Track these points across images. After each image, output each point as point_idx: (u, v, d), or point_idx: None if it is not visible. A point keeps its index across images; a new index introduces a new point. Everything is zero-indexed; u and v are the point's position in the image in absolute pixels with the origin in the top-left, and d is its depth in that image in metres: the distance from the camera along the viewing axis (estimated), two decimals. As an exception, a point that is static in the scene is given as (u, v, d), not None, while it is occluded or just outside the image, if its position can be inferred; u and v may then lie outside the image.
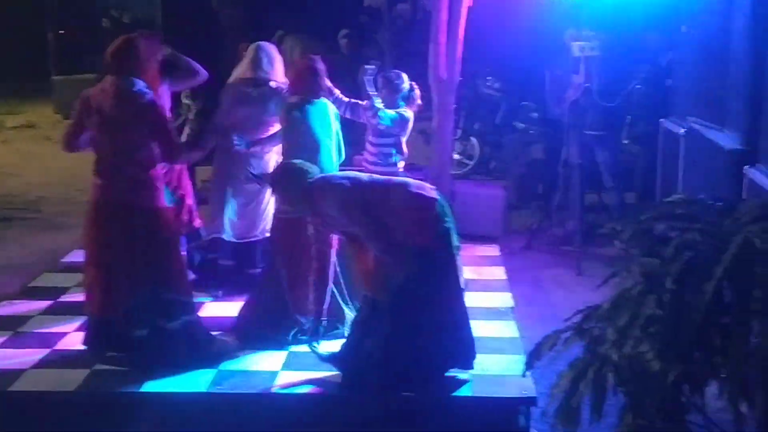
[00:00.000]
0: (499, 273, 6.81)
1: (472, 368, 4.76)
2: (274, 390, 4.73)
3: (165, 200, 5.00)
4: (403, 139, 6.07)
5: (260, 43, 6.21)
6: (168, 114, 5.20)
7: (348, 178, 4.80)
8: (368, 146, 6.08)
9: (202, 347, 4.98)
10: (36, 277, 6.53)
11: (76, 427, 4.58)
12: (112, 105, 4.78)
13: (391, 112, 5.90)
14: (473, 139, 10.05)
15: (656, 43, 8.28)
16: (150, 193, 4.86)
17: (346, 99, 5.94)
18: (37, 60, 7.97)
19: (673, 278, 2.51)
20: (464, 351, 4.75)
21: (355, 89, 6.32)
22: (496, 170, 9.91)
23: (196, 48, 6.37)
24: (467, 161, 10.07)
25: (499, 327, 5.61)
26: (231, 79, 6.17)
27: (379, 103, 5.85)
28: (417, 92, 6.15)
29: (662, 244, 2.67)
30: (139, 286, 4.80)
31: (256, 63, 6.03)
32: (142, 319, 4.82)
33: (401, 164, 6.11)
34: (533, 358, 2.95)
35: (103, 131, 4.83)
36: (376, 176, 5.07)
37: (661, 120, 7.52)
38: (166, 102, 5.19)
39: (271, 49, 6.19)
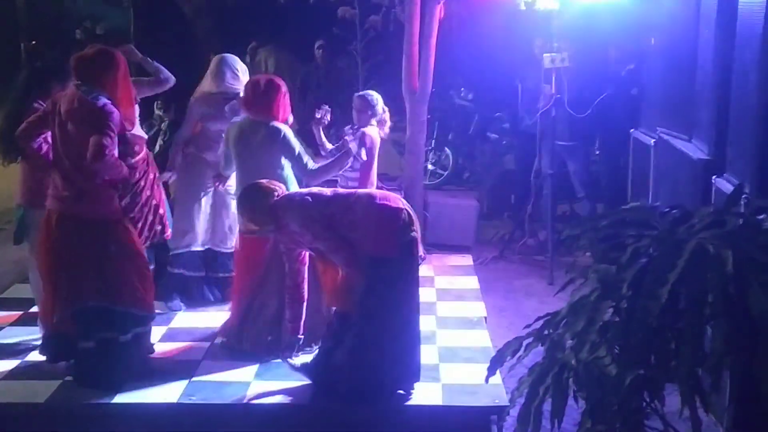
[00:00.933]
0: (471, 282, 6.85)
1: (412, 391, 4.77)
2: (246, 401, 4.74)
3: (118, 211, 4.89)
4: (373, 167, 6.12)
5: (223, 55, 6.17)
6: (132, 124, 5.08)
7: (311, 194, 4.85)
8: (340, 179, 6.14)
9: (145, 361, 4.96)
10: (6, 289, 6.49)
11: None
12: (68, 110, 4.72)
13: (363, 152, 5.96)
14: (447, 150, 10.10)
15: (619, 54, 8.37)
16: (101, 204, 4.77)
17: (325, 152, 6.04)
18: (11, 71, 7.97)
19: (628, 284, 2.55)
20: (411, 372, 4.77)
21: (329, 97, 6.36)
22: (470, 180, 9.96)
23: (168, 58, 6.37)
24: (441, 171, 10.12)
25: (471, 336, 5.65)
26: (196, 94, 6.15)
27: (353, 146, 5.82)
28: (387, 115, 6.22)
29: (618, 250, 2.72)
30: (86, 297, 4.73)
31: (220, 77, 6.03)
32: (88, 331, 4.76)
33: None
34: (496, 364, 2.98)
35: (59, 136, 4.77)
36: (340, 190, 5.11)
37: (631, 130, 7.60)
38: (131, 113, 5.08)
39: (235, 61, 6.16)
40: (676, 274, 2.45)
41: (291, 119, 5.59)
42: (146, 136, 6.03)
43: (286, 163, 5.36)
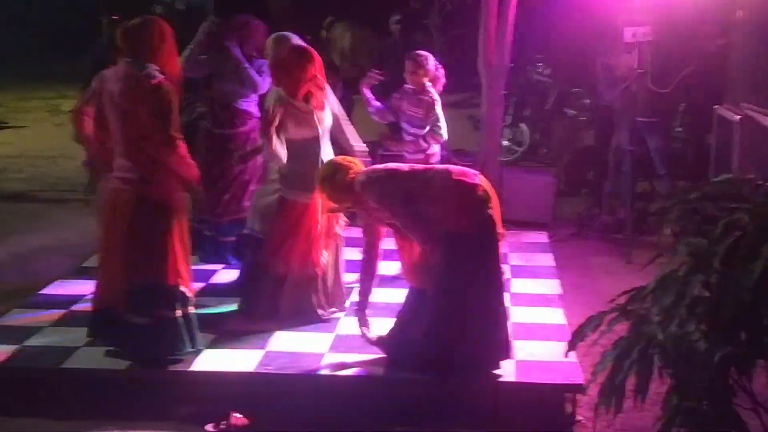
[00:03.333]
0: (547, 260, 6.77)
1: (499, 368, 4.70)
2: (320, 371, 4.77)
3: (183, 197, 4.85)
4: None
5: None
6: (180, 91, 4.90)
7: (388, 169, 4.83)
8: (404, 136, 6.11)
9: (196, 340, 4.92)
10: (88, 258, 6.64)
11: (121, 405, 4.65)
12: (120, 89, 4.63)
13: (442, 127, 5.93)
14: (523, 126, 9.99)
15: (709, 29, 8.13)
16: (167, 190, 4.72)
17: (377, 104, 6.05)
18: (91, 45, 8.12)
19: (720, 258, 2.47)
20: (495, 348, 4.70)
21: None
22: (546, 157, 9.84)
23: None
24: (516, 147, 10.01)
25: (546, 314, 5.59)
26: None
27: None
28: (441, 71, 6.14)
29: (710, 224, 2.64)
30: (141, 273, 4.72)
31: None
32: (142, 307, 4.75)
33: (436, 149, 6.10)
34: (576, 339, 2.92)
35: (113, 116, 4.71)
36: (417, 165, 5.08)
37: (715, 107, 7.40)
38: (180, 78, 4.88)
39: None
40: (771, 248, 2.36)
41: None
42: (253, 113, 6.10)
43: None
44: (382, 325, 4.99)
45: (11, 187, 9.93)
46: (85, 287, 5.85)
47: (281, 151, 5.22)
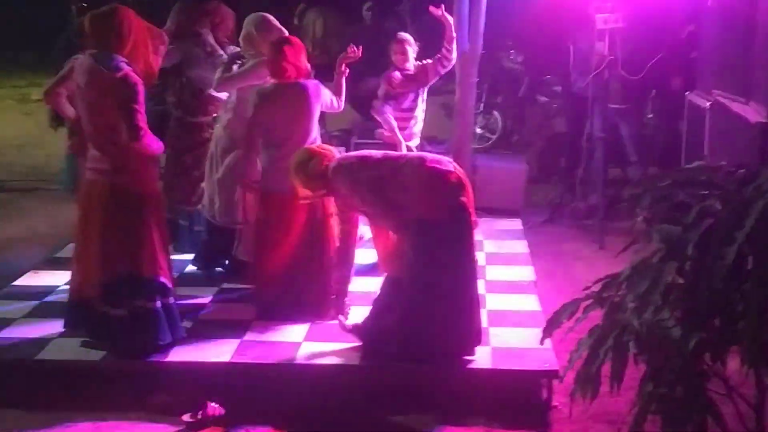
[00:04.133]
0: (520, 247, 6.80)
1: (473, 355, 4.72)
2: (296, 361, 4.77)
3: (156, 182, 4.82)
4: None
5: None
6: (154, 76, 4.89)
7: (360, 156, 4.83)
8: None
9: (178, 330, 4.91)
10: (61, 248, 6.59)
11: (96, 396, 4.63)
12: (85, 82, 4.60)
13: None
14: (495, 113, 10.01)
15: (678, 15, 8.18)
16: (141, 176, 4.69)
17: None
18: (61, 32, 8.04)
19: (693, 244, 2.50)
20: (469, 335, 4.73)
21: (379, 59, 6.34)
22: (519, 144, 9.87)
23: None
24: (489, 135, 10.03)
25: (520, 300, 5.62)
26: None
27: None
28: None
29: (681, 210, 2.66)
30: (117, 265, 4.69)
31: None
32: (119, 299, 4.71)
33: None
34: (551, 326, 2.94)
35: (82, 108, 4.70)
36: (390, 152, 5.08)
37: (686, 93, 7.45)
38: (154, 63, 4.81)
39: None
40: (744, 235, 2.39)
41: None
42: (224, 98, 6.06)
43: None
44: (359, 314, 5.00)
45: (-20, 177, 9.81)
46: (58, 278, 5.82)
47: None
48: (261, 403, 4.52)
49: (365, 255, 5.71)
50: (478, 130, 9.79)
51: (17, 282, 5.97)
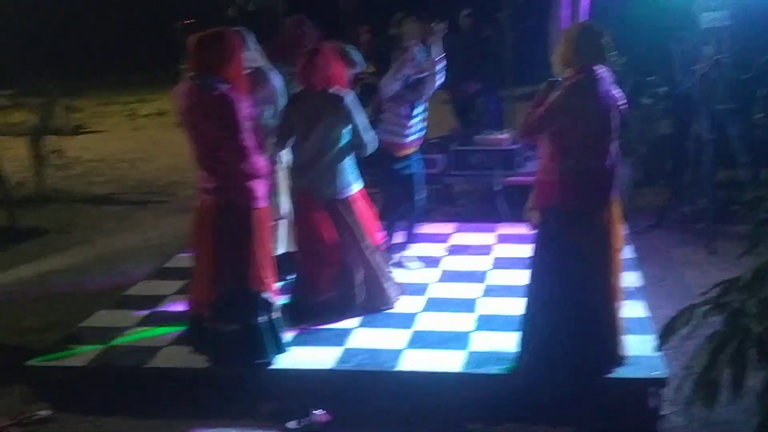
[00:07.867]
0: (627, 252, 6.64)
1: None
2: (400, 367, 4.76)
3: (261, 199, 4.80)
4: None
5: None
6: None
7: None
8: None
9: (282, 344, 4.97)
10: (169, 258, 6.75)
11: (204, 403, 4.72)
12: (186, 106, 4.67)
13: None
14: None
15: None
16: (247, 194, 4.71)
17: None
18: (167, 49, 8.28)
19: (820, 247, 2.38)
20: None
21: (478, 66, 6.30)
22: (622, 147, 9.65)
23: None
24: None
25: (628, 306, 5.47)
26: None
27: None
28: None
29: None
30: (229, 282, 4.75)
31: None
32: (233, 315, 4.78)
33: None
34: (667, 334, 2.85)
35: (186, 129, 4.74)
36: None
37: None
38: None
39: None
40: None
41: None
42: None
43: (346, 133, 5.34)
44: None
45: (94, 191, 10.19)
46: (168, 287, 5.96)
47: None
48: (365, 410, 4.53)
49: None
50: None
51: (129, 291, 6.15)
